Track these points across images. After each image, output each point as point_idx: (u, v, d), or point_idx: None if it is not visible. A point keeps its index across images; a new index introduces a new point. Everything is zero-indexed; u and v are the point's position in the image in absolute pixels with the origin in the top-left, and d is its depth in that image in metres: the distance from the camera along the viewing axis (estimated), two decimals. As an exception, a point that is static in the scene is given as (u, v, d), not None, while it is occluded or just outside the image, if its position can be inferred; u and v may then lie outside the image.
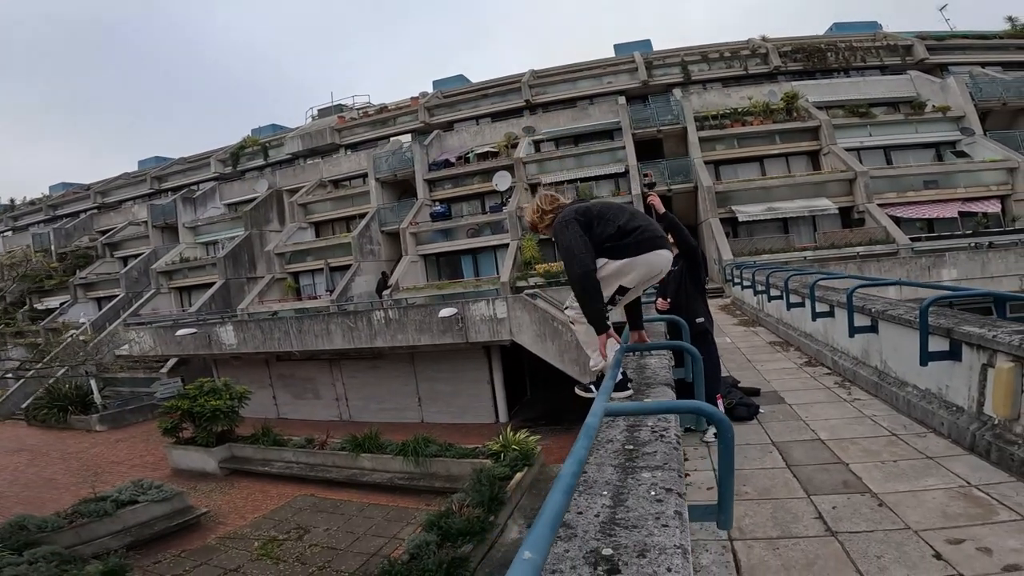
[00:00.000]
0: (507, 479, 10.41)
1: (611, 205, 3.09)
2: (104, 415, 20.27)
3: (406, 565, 7.69)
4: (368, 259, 23.52)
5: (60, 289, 31.50)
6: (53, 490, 14.46)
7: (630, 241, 2.88)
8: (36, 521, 10.13)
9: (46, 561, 8.59)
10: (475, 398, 16.68)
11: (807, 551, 2.81)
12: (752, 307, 11.76)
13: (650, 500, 1.53)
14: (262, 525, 11.39)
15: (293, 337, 16.99)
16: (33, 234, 37.08)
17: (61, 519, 10.59)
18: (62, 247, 34.53)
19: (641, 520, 1.43)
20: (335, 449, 13.45)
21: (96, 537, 10.60)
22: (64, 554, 9.06)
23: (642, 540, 1.33)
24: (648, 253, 2.91)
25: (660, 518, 1.43)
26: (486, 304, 14.74)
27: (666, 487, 1.61)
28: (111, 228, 34.38)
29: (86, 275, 31.07)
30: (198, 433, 14.43)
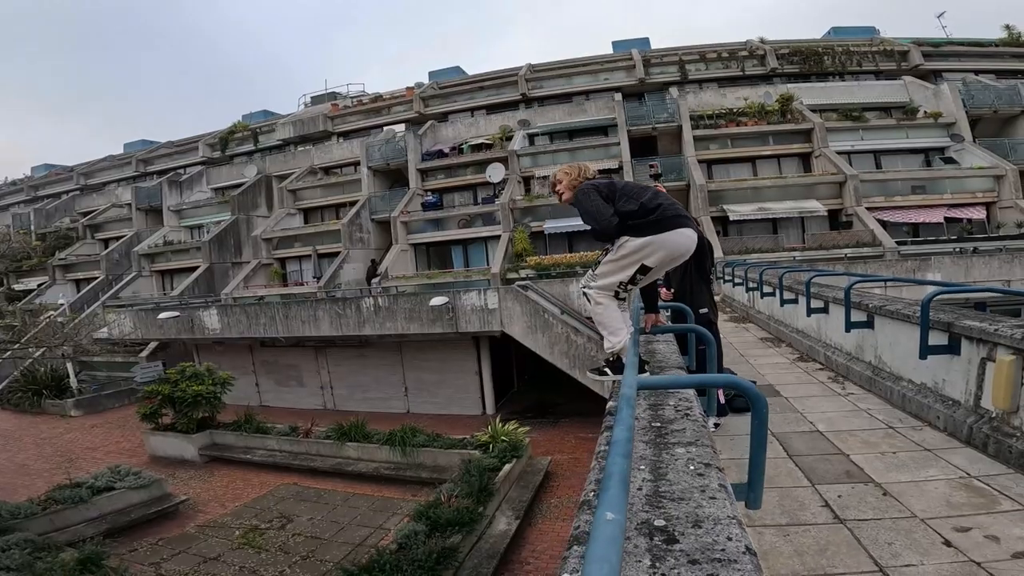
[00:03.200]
0: (496, 470, 10.40)
1: (635, 183, 3.04)
2: (80, 400, 19.83)
3: (395, 555, 7.63)
4: (357, 247, 23.32)
5: (39, 270, 30.89)
6: (26, 476, 14.11)
7: (653, 219, 2.83)
8: (8, 508, 9.92)
9: (19, 548, 8.41)
10: (462, 389, 16.60)
11: (818, 538, 2.82)
12: (743, 304, 11.85)
13: (691, 474, 1.50)
14: (243, 514, 11.20)
15: (279, 323, 16.73)
16: (13, 214, 36.26)
17: (34, 506, 10.35)
18: (42, 228, 33.80)
19: (687, 493, 1.39)
20: (320, 438, 13.27)
21: (71, 524, 10.39)
22: (37, 541, 8.87)
23: (692, 512, 1.30)
24: (671, 231, 2.86)
25: (706, 491, 1.40)
26: (477, 294, 14.65)
27: (704, 462, 1.57)
28: (94, 210, 33.72)
29: (65, 256, 30.42)
30: (178, 419, 14.13)
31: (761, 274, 9.74)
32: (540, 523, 9.85)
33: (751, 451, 1.67)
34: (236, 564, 9.26)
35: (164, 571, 8.97)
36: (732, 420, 4.53)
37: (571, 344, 13.53)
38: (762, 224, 21.26)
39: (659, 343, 3.66)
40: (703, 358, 3.35)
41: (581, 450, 12.97)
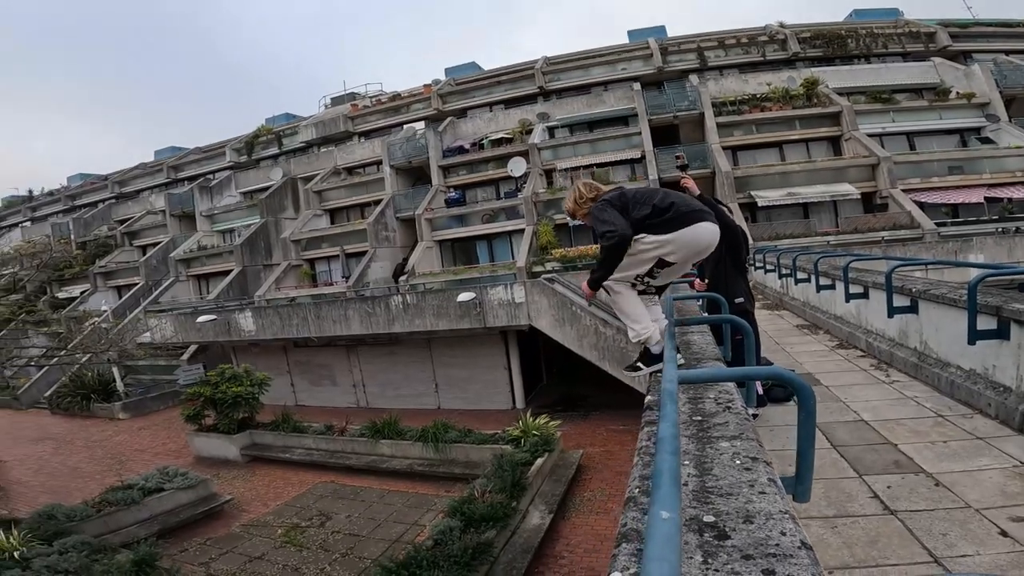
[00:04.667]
0: (528, 465, 10.41)
1: (645, 188, 3.13)
2: (127, 403, 20.46)
3: (431, 551, 7.70)
4: (383, 245, 23.59)
5: (80, 278, 31.76)
6: (79, 479, 14.55)
7: (668, 217, 2.84)
8: (64, 511, 10.16)
9: (76, 551, 8.61)
10: (492, 384, 16.67)
11: (868, 529, 2.75)
12: (775, 291, 11.59)
13: (738, 468, 1.47)
14: (284, 512, 11.44)
15: (311, 323, 17.02)
16: (52, 224, 37.38)
17: (89, 508, 10.56)
18: (81, 236, 34.79)
19: (735, 488, 1.37)
20: (354, 435, 13.45)
21: (124, 526, 10.60)
22: (93, 543, 9.05)
23: (742, 507, 1.28)
24: (689, 227, 2.85)
25: (755, 485, 1.37)
26: (504, 289, 14.65)
27: (751, 456, 1.55)
28: (129, 217, 34.66)
29: (106, 264, 31.29)
30: (220, 420, 14.47)
31: (794, 260, 9.50)
32: (573, 517, 9.83)
33: (799, 443, 1.64)
34: (279, 563, 9.47)
35: (213, 571, 9.14)
36: (770, 410, 4.44)
37: (600, 336, 13.44)
38: (792, 209, 20.78)
39: (694, 334, 3.61)
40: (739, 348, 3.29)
41: (613, 442, 12.91)
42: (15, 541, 8.66)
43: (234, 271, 25.07)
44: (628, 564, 1.13)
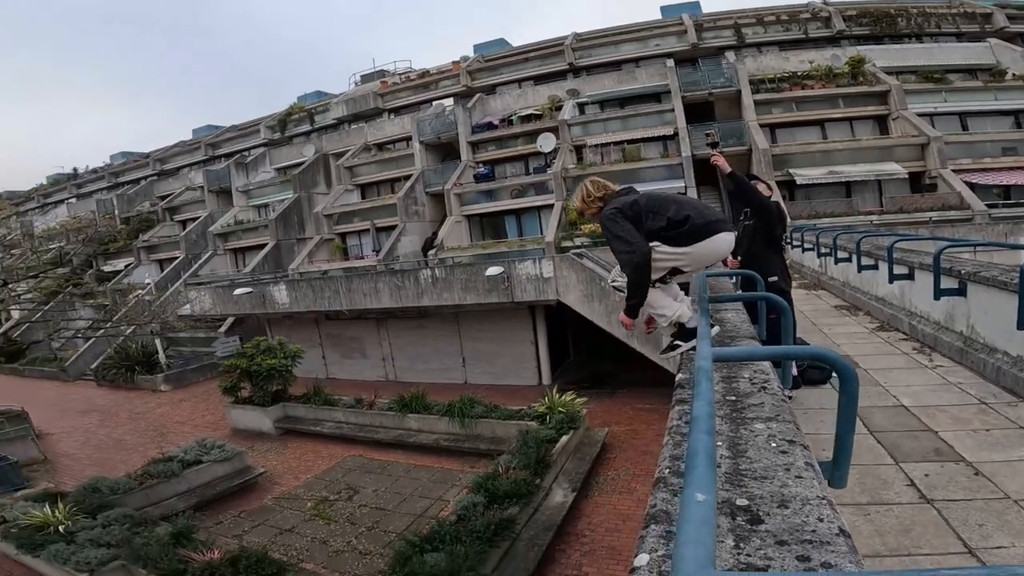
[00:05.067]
0: (553, 442, 10.41)
1: (657, 196, 2.97)
2: (168, 375, 21.03)
3: (454, 526, 7.79)
4: (413, 220, 23.83)
5: (124, 252, 32.87)
6: (123, 451, 14.87)
7: (685, 231, 2.79)
8: (108, 483, 10.40)
9: (118, 524, 8.82)
10: (519, 359, 16.68)
11: (902, 517, 2.66)
12: (814, 270, 11.23)
13: (773, 451, 1.40)
14: (314, 486, 11.62)
15: (342, 296, 17.24)
16: (97, 200, 38.57)
17: (132, 481, 10.79)
18: (125, 212, 35.94)
19: (770, 471, 1.31)
20: (383, 409, 13.60)
21: (164, 498, 10.81)
22: (135, 516, 9.25)
23: (777, 491, 1.22)
24: (706, 240, 2.81)
25: (791, 469, 1.31)
26: (532, 263, 14.54)
27: (787, 439, 1.48)
28: (170, 193, 35.64)
29: (148, 238, 32.34)
30: (255, 392, 14.72)
31: (835, 239, 9.15)
32: (596, 496, 9.83)
33: (838, 427, 1.56)
34: (308, 535, 9.62)
35: (246, 543, 9.26)
36: (804, 393, 4.31)
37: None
38: (833, 188, 20.10)
39: (728, 311, 3.49)
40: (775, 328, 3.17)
41: (638, 421, 12.83)
42: (61, 515, 8.90)
43: (269, 245, 25.62)
44: (656, 546, 1.09)
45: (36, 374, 25.66)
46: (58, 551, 8.16)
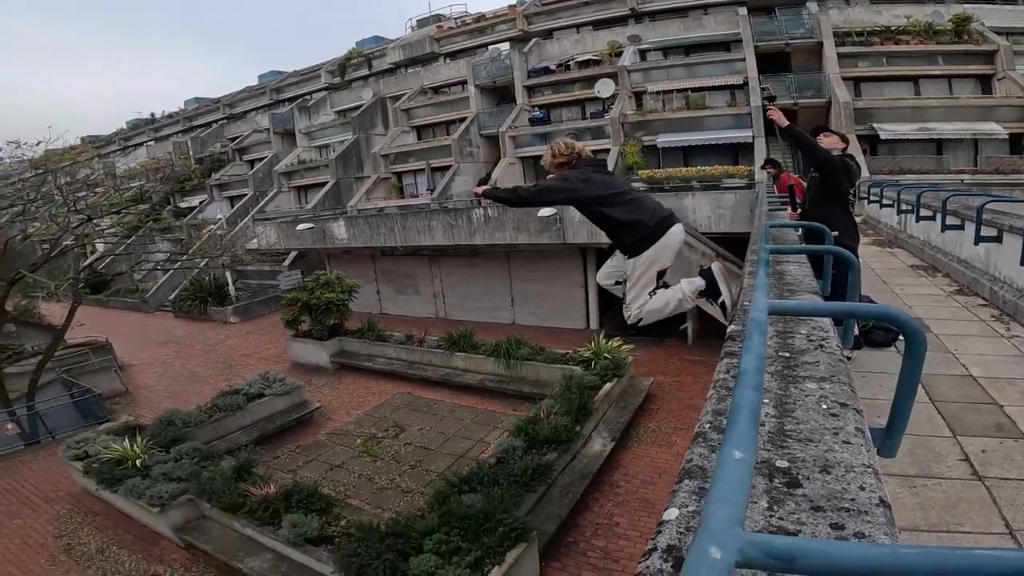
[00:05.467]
0: (596, 389, 10.32)
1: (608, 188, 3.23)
2: (237, 307, 22.12)
3: (493, 468, 7.87)
4: (467, 160, 23.87)
5: (198, 190, 34.75)
6: (195, 383, 15.47)
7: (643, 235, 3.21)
8: (181, 416, 10.71)
9: (188, 458, 9.04)
10: (567, 302, 16.60)
11: (948, 493, 2.51)
12: (891, 227, 10.42)
13: (822, 413, 1.29)
14: (364, 422, 11.95)
15: (397, 232, 17.53)
16: (173, 142, 40.73)
17: (202, 414, 11.05)
18: (198, 153, 37.74)
19: (816, 434, 1.21)
20: (432, 347, 13.81)
21: (230, 432, 11.09)
22: (203, 450, 9.46)
23: (822, 455, 1.12)
24: (664, 236, 3.24)
25: (839, 434, 1.20)
26: None
27: (840, 401, 1.36)
28: (239, 136, 37.07)
29: (219, 177, 33.90)
30: (314, 326, 15.16)
31: (918, 196, 8.38)
32: (635, 447, 9.79)
33: (898, 393, 1.42)
34: (356, 472, 9.92)
35: (299, 478, 9.49)
36: (865, 355, 4.05)
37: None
38: (921, 144, 18.53)
39: (789, 264, 3.27)
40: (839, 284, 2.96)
41: (685, 373, 12.62)
42: (138, 449, 9.15)
43: (329, 183, 26.42)
44: (687, 501, 1.04)
45: (119, 305, 27.20)
46: (134, 486, 8.44)
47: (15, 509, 9.59)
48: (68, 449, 9.90)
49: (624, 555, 7.21)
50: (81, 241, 14.31)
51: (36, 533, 8.83)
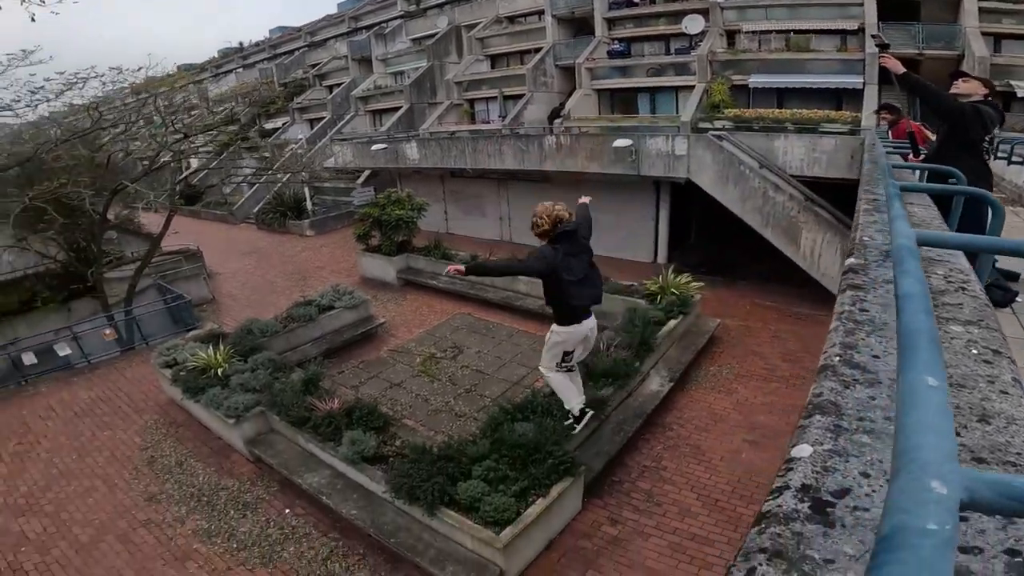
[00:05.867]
0: (660, 324, 9.87)
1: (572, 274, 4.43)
2: (313, 220, 22.99)
3: (547, 398, 7.59)
4: (540, 90, 23.04)
5: (282, 113, 35.97)
6: (272, 294, 15.89)
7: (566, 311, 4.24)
8: (260, 325, 10.73)
9: (263, 368, 9.06)
10: (636, 233, 16.11)
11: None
12: (1016, 185, 9.18)
13: (973, 359, 1.12)
14: (424, 340, 11.93)
15: (467, 155, 17.45)
16: (259, 69, 41.94)
17: (277, 324, 11.05)
18: (282, 79, 38.65)
19: (968, 380, 1.05)
20: None
21: (301, 343, 11.12)
22: (277, 360, 9.43)
23: (978, 403, 0.97)
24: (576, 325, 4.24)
25: (995, 382, 1.04)
26: (664, 140, 13.44)
27: (992, 348, 1.17)
28: (319, 62, 37.44)
29: (301, 101, 34.82)
30: (383, 241, 15.38)
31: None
32: (693, 390, 9.45)
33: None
34: (413, 392, 9.93)
35: (361, 395, 9.46)
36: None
37: (767, 200, 11.98)
38: (1066, 104, 15.98)
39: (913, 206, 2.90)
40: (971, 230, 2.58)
41: (755, 318, 11.94)
42: (220, 357, 9.23)
43: (403, 108, 26.52)
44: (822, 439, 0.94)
45: (210, 216, 29.00)
46: (214, 395, 8.51)
47: (107, 420, 9.89)
48: (159, 356, 10.15)
49: (667, 500, 7.03)
50: (177, 157, 14.90)
51: (124, 445, 9.09)
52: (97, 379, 11.63)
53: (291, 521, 7.19)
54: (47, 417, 10.24)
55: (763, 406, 8.84)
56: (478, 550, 5.99)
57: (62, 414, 10.34)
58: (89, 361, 12.18)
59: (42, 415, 10.33)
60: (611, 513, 6.90)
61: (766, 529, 0.81)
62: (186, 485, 8.03)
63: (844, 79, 17.09)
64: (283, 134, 33.37)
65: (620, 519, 6.80)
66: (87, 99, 13.37)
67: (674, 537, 6.44)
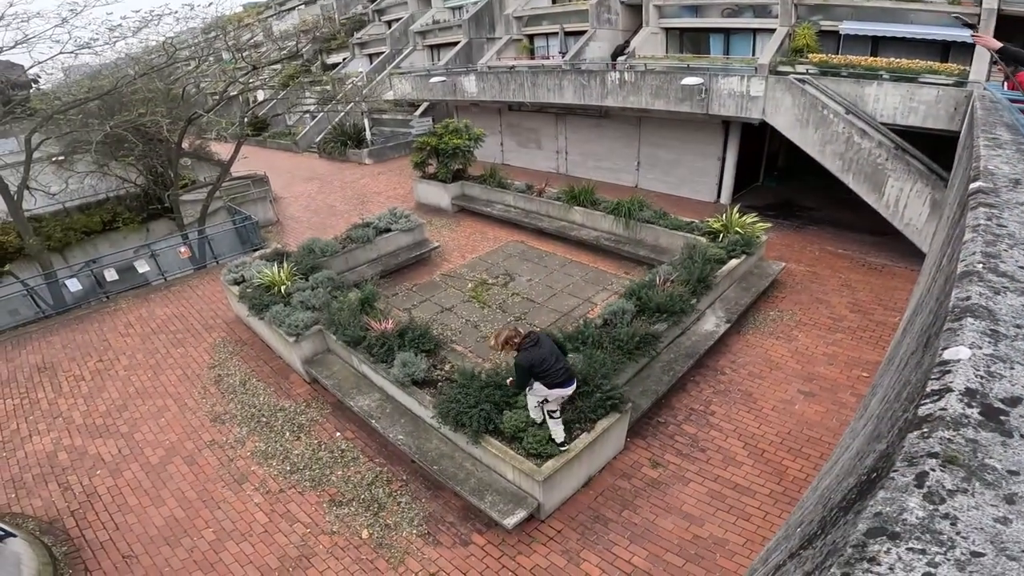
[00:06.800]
0: (720, 263, 9.06)
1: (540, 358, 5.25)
2: (372, 150, 22.74)
3: (599, 329, 7.22)
4: (604, 27, 21.09)
5: (342, 48, 35.21)
6: (333, 216, 15.93)
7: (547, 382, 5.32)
8: (321, 245, 10.70)
9: (323, 287, 8.99)
10: (700, 172, 14.93)
11: None
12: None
13: None
14: (477, 266, 11.58)
15: (526, 89, 16.56)
16: (321, 5, 40.93)
17: (336, 244, 11.04)
18: (343, 14, 37.71)
19: None
20: (550, 198, 13.03)
21: (358, 264, 11.08)
22: (335, 280, 9.33)
23: None
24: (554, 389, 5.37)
25: None
26: (739, 80, 12.12)
27: None
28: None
29: (361, 36, 33.80)
30: (439, 169, 15.06)
31: None
32: (750, 334, 8.66)
33: None
34: (463, 317, 9.62)
35: (413, 316, 9.35)
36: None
37: (851, 146, 10.61)
38: None
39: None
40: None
41: (823, 264, 10.84)
42: (284, 275, 9.18)
43: (461, 42, 25.09)
44: (979, 343, 0.92)
45: (275, 146, 29.15)
46: (277, 313, 8.39)
47: (180, 337, 10.04)
48: (228, 272, 10.14)
49: (712, 446, 6.57)
50: (245, 89, 14.88)
51: (194, 363, 9.15)
52: (172, 296, 11.81)
53: (340, 445, 7.07)
54: (126, 334, 10.36)
55: (823, 356, 8.04)
56: (518, 481, 5.69)
57: (140, 330, 10.44)
58: (165, 278, 12.50)
59: (122, 331, 10.47)
60: (653, 455, 6.52)
61: (931, 433, 0.79)
62: (248, 405, 7.99)
63: (953, 31, 14.80)
64: (344, 68, 32.71)
65: (662, 462, 6.42)
66: (161, 36, 13.44)
67: (715, 484, 6.05)
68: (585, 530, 5.61)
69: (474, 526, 5.75)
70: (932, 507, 0.81)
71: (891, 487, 0.86)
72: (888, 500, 0.85)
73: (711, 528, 5.52)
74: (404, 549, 5.56)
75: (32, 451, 7.46)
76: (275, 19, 44.67)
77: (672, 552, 5.31)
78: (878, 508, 0.85)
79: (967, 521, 0.78)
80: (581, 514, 5.79)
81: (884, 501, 0.86)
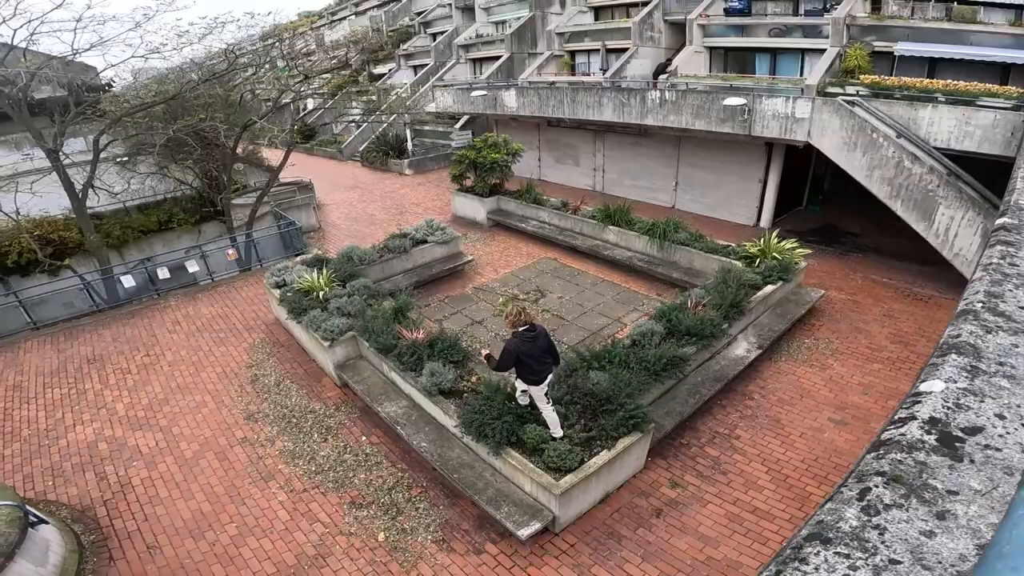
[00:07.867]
0: (755, 288, 8.93)
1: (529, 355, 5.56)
2: (412, 160, 23.22)
3: (627, 349, 7.24)
4: (647, 45, 21.08)
5: (388, 59, 36.17)
6: (372, 225, 16.23)
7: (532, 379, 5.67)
8: (359, 253, 10.96)
9: (359, 294, 9.14)
10: (739, 194, 14.69)
11: None
12: None
13: None
14: (509, 281, 11.66)
15: (566, 105, 16.68)
16: (370, 16, 42.22)
17: (374, 253, 11.25)
18: (390, 26, 38.79)
19: None
20: (585, 216, 13.04)
21: (394, 273, 11.28)
22: (371, 288, 9.48)
23: None
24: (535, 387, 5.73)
25: None
26: (784, 101, 11.93)
27: None
28: (424, 10, 37.07)
29: (406, 48, 34.77)
30: (477, 183, 15.26)
31: None
32: (782, 361, 8.47)
33: None
34: (493, 331, 9.71)
35: (444, 328, 9.29)
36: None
37: (900, 171, 10.26)
38: None
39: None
40: None
41: (865, 293, 10.49)
42: (323, 281, 9.41)
43: (503, 57, 25.65)
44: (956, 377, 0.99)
45: (321, 153, 29.94)
46: (314, 318, 8.58)
47: (223, 336, 10.34)
48: (271, 276, 10.38)
49: (734, 469, 6.47)
50: (297, 98, 15.43)
51: (233, 362, 9.42)
52: (218, 296, 12.28)
53: (365, 449, 7.26)
54: (173, 331, 10.85)
55: (858, 386, 7.83)
56: (535, 494, 5.76)
57: (186, 328, 10.92)
58: (213, 278, 13.02)
59: (169, 328, 10.97)
60: (673, 475, 6.48)
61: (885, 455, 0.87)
62: (280, 406, 8.25)
63: (1013, 53, 14.14)
64: (389, 79, 33.66)
65: (681, 482, 6.37)
66: (224, 43, 14.07)
67: (733, 507, 5.98)
68: (598, 545, 5.63)
69: (488, 535, 5.84)
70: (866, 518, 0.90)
71: (838, 499, 0.96)
72: (831, 510, 0.95)
73: (726, 550, 5.47)
74: (418, 554, 5.69)
75: (74, 440, 7.75)
76: (327, 28, 46.40)
77: (684, 572, 5.28)
78: (821, 517, 0.95)
79: (894, 532, 0.86)
80: (595, 529, 5.81)
81: (827, 511, 0.95)
